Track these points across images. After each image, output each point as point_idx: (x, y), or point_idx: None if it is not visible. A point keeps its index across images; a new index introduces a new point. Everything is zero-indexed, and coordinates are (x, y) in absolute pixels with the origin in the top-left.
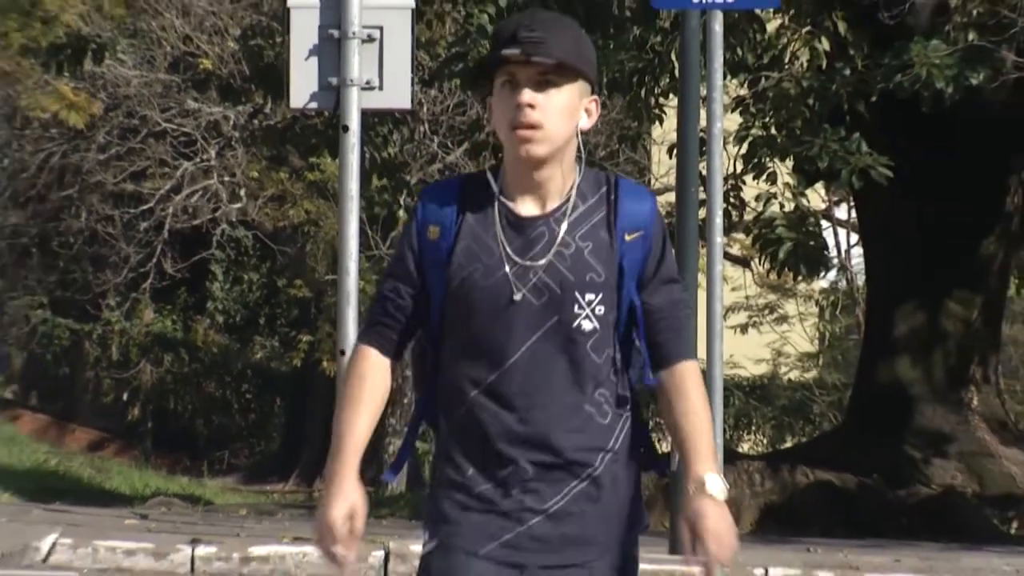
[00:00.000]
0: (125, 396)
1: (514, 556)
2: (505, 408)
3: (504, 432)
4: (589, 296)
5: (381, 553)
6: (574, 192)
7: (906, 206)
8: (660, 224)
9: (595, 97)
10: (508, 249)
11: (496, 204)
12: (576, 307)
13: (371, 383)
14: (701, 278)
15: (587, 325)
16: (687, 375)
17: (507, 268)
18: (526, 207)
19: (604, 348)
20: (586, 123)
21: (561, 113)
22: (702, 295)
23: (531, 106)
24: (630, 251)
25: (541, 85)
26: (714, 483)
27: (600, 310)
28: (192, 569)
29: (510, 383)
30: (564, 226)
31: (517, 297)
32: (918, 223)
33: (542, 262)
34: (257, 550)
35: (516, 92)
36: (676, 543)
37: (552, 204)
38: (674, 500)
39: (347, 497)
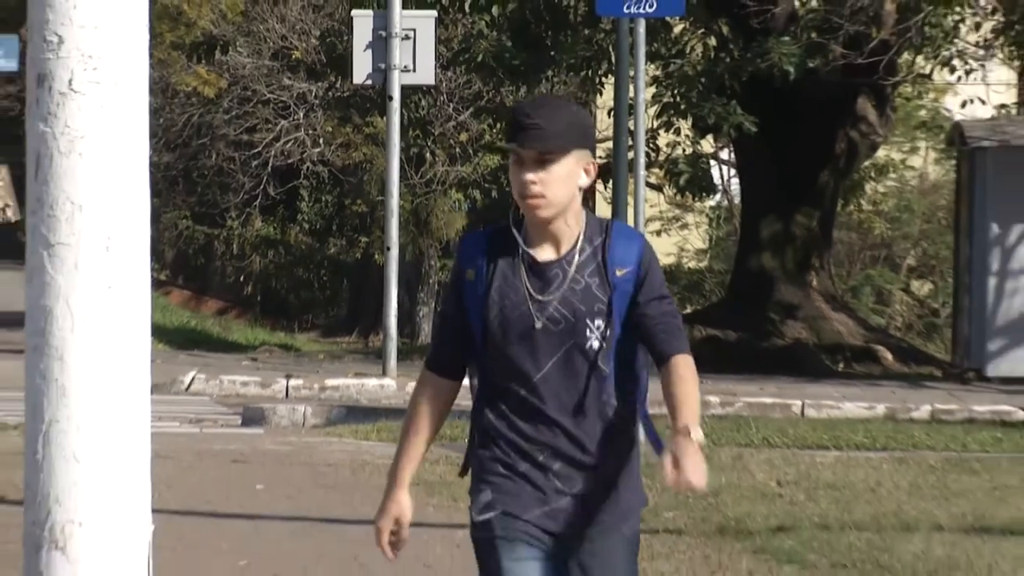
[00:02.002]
0: (242, 278)
1: (549, 524)
2: (536, 410)
3: (535, 429)
4: (597, 322)
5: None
6: (582, 237)
7: (768, 151)
8: (648, 256)
9: (592, 160)
10: (530, 288)
11: (520, 252)
12: (587, 331)
13: (428, 409)
14: (630, 199)
15: (596, 344)
16: (681, 363)
17: (530, 303)
18: (543, 253)
19: (610, 360)
20: (585, 181)
21: (559, 181)
22: (631, 211)
23: (533, 182)
24: (621, 284)
25: (541, 162)
26: (696, 432)
27: (607, 332)
28: (287, 395)
29: (539, 391)
30: (573, 267)
31: (538, 325)
32: (776, 163)
33: (557, 296)
34: (330, 381)
35: (521, 170)
36: None
37: (564, 249)
38: None
39: (392, 511)
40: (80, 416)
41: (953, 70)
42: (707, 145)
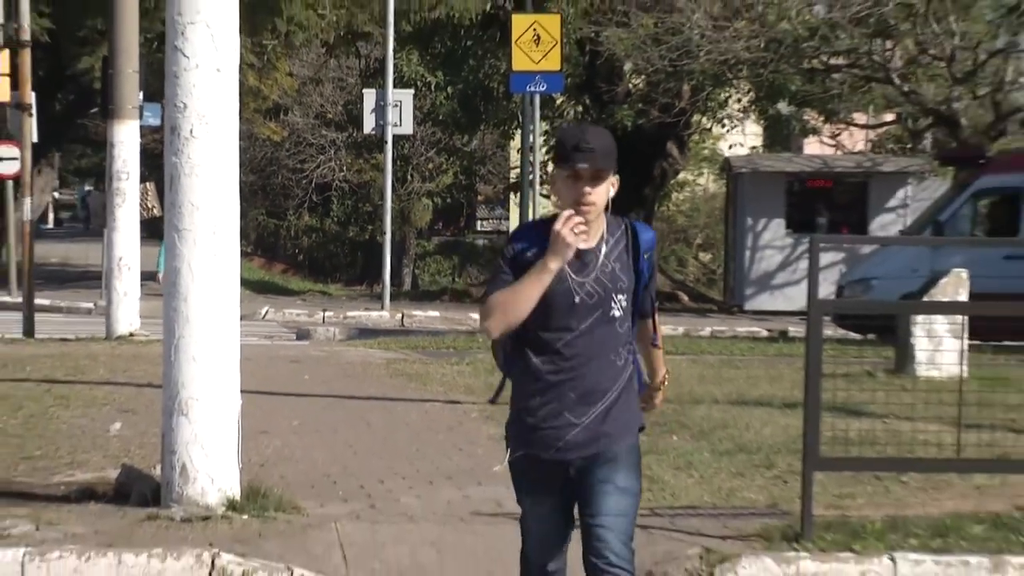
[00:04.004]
0: (296, 251)
1: (563, 455)
2: (567, 363)
3: (564, 377)
4: (620, 296)
5: (397, 313)
6: (607, 231)
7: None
8: (655, 245)
9: (616, 176)
10: (570, 269)
11: None
12: (612, 303)
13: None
14: (531, 204)
15: (617, 313)
16: (656, 321)
17: (570, 281)
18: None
19: (624, 324)
20: (612, 192)
21: (604, 192)
22: (531, 211)
23: (589, 193)
24: (645, 265)
25: (594, 179)
26: (665, 381)
27: (624, 304)
28: (323, 321)
29: (573, 345)
30: (603, 253)
31: (577, 300)
32: (619, 182)
33: (592, 276)
34: (350, 313)
35: (579, 183)
36: None
37: (595, 240)
38: None
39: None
40: (197, 333)
41: (724, 126)
42: None
